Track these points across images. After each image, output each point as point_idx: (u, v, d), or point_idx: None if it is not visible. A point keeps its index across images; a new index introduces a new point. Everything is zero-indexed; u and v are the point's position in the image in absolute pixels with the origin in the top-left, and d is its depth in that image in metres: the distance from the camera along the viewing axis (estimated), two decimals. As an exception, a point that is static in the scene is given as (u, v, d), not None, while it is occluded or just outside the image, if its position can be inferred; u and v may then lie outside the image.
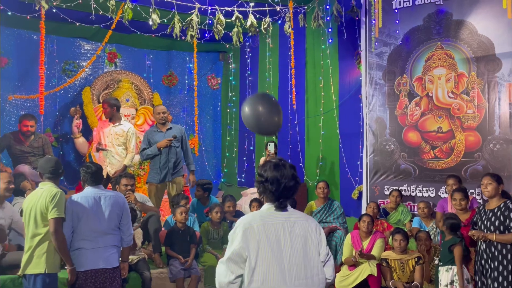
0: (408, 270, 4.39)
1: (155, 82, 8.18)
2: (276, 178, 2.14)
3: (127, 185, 4.71)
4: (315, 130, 7.10)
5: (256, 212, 2.23)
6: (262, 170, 2.20)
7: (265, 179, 2.16)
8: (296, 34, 6.86)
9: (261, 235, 2.06)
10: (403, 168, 5.91)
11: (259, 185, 2.20)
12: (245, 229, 2.07)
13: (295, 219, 2.17)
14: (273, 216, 2.14)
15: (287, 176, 2.16)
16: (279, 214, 2.15)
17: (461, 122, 5.53)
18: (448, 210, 4.81)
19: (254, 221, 2.10)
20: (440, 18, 5.71)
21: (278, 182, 2.14)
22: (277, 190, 2.14)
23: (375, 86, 6.18)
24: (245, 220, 2.14)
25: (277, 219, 2.13)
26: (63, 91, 7.22)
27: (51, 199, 3.30)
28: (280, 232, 2.11)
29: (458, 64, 5.57)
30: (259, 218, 2.12)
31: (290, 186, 2.16)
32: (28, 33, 6.87)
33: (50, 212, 3.29)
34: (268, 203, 2.20)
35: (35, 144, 5.76)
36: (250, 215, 2.18)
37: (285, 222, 2.13)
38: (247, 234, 2.06)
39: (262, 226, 2.09)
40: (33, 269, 3.32)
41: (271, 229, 2.09)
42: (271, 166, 2.18)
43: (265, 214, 2.15)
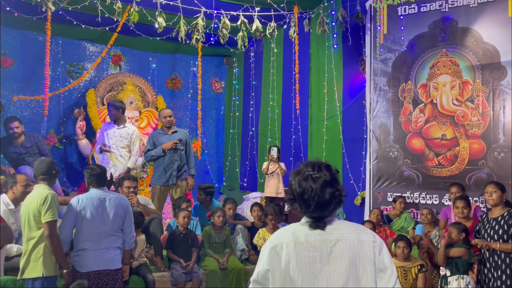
0: (411, 277, 4.36)
1: (159, 85, 8.20)
2: (301, 195, 1.73)
3: (130, 187, 4.71)
4: (318, 135, 7.09)
5: (288, 227, 1.82)
6: (289, 181, 1.80)
7: (292, 196, 1.77)
8: (301, 39, 6.87)
9: (291, 255, 1.68)
10: (406, 175, 5.89)
11: (288, 201, 1.82)
12: (273, 246, 1.73)
13: (339, 236, 1.71)
14: (307, 233, 1.74)
15: (315, 190, 1.71)
16: (315, 231, 1.74)
17: (466, 129, 5.51)
18: (452, 218, 4.78)
19: (284, 238, 1.73)
20: (445, 25, 5.71)
21: (305, 201, 1.72)
22: (307, 209, 1.73)
23: (379, 92, 6.17)
24: (276, 234, 1.80)
25: (313, 237, 1.72)
26: (67, 93, 7.24)
27: (43, 202, 3.26)
28: (315, 252, 1.69)
29: (463, 71, 5.56)
30: (291, 235, 1.74)
31: (323, 204, 1.71)
32: (33, 34, 6.91)
33: (44, 216, 3.25)
34: (304, 218, 1.79)
35: (27, 144, 5.70)
36: (283, 230, 1.81)
37: (324, 241, 1.71)
38: (273, 253, 1.72)
39: (293, 245, 1.70)
40: (31, 273, 3.30)
41: (304, 249, 1.69)
42: (300, 179, 1.75)
43: (299, 231, 1.75)
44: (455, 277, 3.97)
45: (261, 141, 7.99)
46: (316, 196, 1.70)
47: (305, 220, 1.77)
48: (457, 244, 4.01)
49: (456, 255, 3.97)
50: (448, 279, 4.01)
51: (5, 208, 3.79)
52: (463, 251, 3.95)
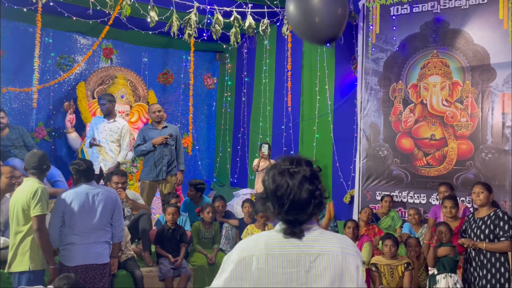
0: (397, 275, 4.41)
1: (150, 80, 8.15)
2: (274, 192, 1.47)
3: (118, 182, 4.68)
4: (309, 133, 7.11)
5: (261, 234, 1.53)
6: (263, 179, 1.54)
7: (265, 194, 1.51)
8: (294, 37, 6.88)
9: (262, 271, 1.42)
10: (395, 174, 5.94)
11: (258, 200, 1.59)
12: (241, 258, 1.45)
13: (320, 250, 1.45)
14: (282, 244, 1.46)
15: (291, 187, 1.45)
16: (291, 241, 1.46)
17: (454, 130, 5.58)
18: (441, 217, 4.84)
19: (255, 249, 1.45)
20: (437, 26, 5.76)
21: (279, 200, 1.46)
22: (280, 211, 1.46)
23: (370, 92, 6.21)
24: (245, 243, 1.50)
25: (289, 249, 1.45)
26: (57, 85, 7.16)
27: (33, 195, 3.23)
28: (292, 268, 1.42)
29: (453, 72, 5.62)
30: (263, 246, 1.45)
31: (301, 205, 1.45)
32: (24, 25, 6.82)
33: (33, 210, 3.23)
34: (280, 223, 1.52)
35: (12, 136, 5.63)
36: (254, 238, 1.51)
37: (302, 254, 1.44)
38: (241, 266, 1.44)
39: (265, 258, 1.43)
40: (17, 267, 3.28)
41: (277, 264, 1.42)
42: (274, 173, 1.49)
43: (273, 238, 1.48)
44: (442, 276, 4.03)
45: (252, 138, 8.00)
46: (291, 194, 1.44)
47: (280, 226, 1.50)
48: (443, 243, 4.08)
49: (443, 254, 4.03)
50: (436, 278, 4.06)
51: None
52: (449, 250, 4.02)
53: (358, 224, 4.83)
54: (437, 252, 4.05)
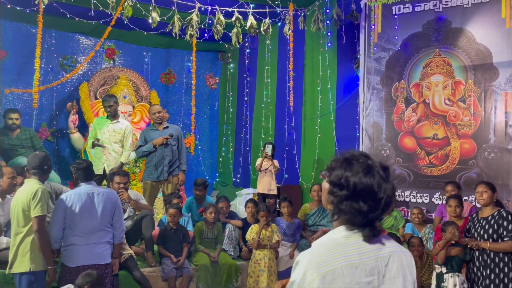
0: (400, 275, 4.39)
1: (153, 80, 8.16)
2: (371, 189, 1.33)
3: (120, 183, 4.68)
4: (311, 133, 7.11)
5: (327, 242, 1.37)
6: (340, 175, 1.37)
7: (351, 192, 1.34)
8: (296, 37, 6.87)
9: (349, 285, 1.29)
10: (398, 174, 5.93)
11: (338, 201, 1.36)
12: (323, 276, 1.28)
13: (390, 251, 1.38)
14: (359, 248, 1.34)
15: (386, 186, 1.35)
16: (366, 246, 1.35)
17: (457, 129, 5.56)
18: (446, 216, 4.83)
19: (333, 260, 1.30)
20: (439, 25, 5.74)
21: (375, 197, 1.33)
22: (373, 209, 1.34)
23: (372, 91, 6.20)
24: (316, 258, 1.31)
25: (367, 255, 1.34)
26: (60, 86, 7.19)
27: (33, 196, 3.24)
28: (373, 276, 1.33)
29: (456, 71, 5.60)
30: (341, 255, 1.31)
31: (390, 202, 1.37)
32: (27, 26, 6.84)
33: (33, 210, 3.23)
34: (345, 227, 1.37)
35: (22, 136, 5.75)
36: (322, 249, 1.34)
37: (378, 259, 1.35)
38: (327, 283, 1.28)
39: (349, 270, 1.30)
40: (18, 268, 3.29)
41: (361, 274, 1.31)
42: (359, 169, 1.36)
43: (348, 248, 1.34)
44: (450, 275, 4.01)
45: (255, 138, 8.00)
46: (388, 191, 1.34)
47: (346, 233, 1.36)
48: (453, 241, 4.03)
49: (455, 254, 4.00)
50: (444, 277, 4.05)
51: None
52: (460, 250, 3.99)
53: None
54: (452, 251, 4.01)
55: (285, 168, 7.40)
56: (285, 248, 5.18)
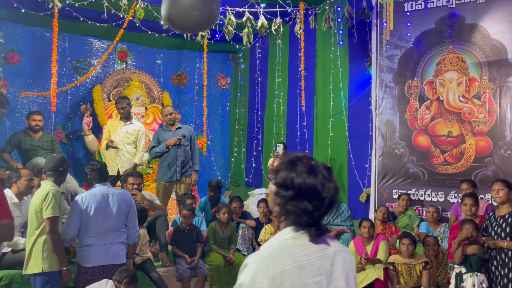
0: (415, 274, 4.36)
1: (165, 81, 8.21)
2: (315, 189, 1.36)
3: (134, 184, 4.72)
4: (323, 132, 7.08)
5: (275, 244, 1.37)
6: (285, 177, 1.39)
7: (295, 192, 1.36)
8: (307, 36, 6.85)
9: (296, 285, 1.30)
10: (412, 172, 5.87)
11: (283, 202, 1.38)
12: (272, 278, 1.29)
13: (335, 250, 1.40)
14: (306, 251, 1.35)
15: (329, 185, 1.38)
16: (313, 246, 1.36)
17: (472, 126, 5.48)
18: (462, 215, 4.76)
19: (282, 262, 1.31)
20: (452, 21, 5.66)
21: (319, 196, 1.36)
22: (318, 208, 1.36)
23: (385, 89, 6.14)
24: (265, 260, 1.32)
25: (314, 255, 1.35)
26: (74, 89, 7.28)
27: (44, 198, 3.27)
28: (320, 276, 1.34)
29: (470, 68, 5.52)
30: (289, 256, 1.32)
31: (334, 201, 1.40)
32: (41, 30, 6.94)
33: (45, 212, 3.26)
34: (292, 228, 1.39)
35: (44, 138, 5.87)
36: (271, 251, 1.35)
37: (324, 259, 1.37)
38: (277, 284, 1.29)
39: (296, 271, 1.31)
40: (32, 269, 3.32)
41: (309, 274, 1.32)
42: (302, 170, 1.37)
43: (296, 249, 1.34)
44: (469, 274, 3.95)
45: (267, 138, 7.99)
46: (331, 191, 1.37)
47: (292, 234, 1.37)
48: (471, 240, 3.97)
49: (472, 253, 3.94)
50: (463, 277, 3.99)
51: (9, 202, 3.83)
52: (477, 248, 3.93)
53: (373, 223, 4.79)
54: (467, 250, 3.96)
55: (298, 168, 7.36)
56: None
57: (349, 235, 5.21)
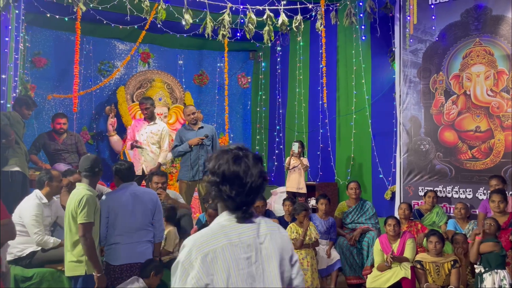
0: (444, 273, 4.26)
1: (186, 82, 8.29)
2: (237, 175, 1.50)
3: (158, 182, 4.77)
4: (346, 129, 7.00)
5: (213, 225, 1.54)
6: (214, 164, 1.54)
7: (220, 178, 1.51)
8: (328, 32, 6.78)
9: (229, 262, 1.45)
10: (438, 169, 5.74)
11: (211, 187, 1.54)
12: (205, 254, 1.43)
13: (267, 231, 1.55)
14: (239, 229, 1.50)
15: (252, 172, 1.52)
16: (245, 226, 1.52)
17: (501, 121, 5.32)
18: (491, 211, 4.64)
19: (215, 241, 1.46)
20: (478, 13, 5.51)
21: (241, 182, 1.50)
22: (240, 193, 1.50)
23: (409, 84, 6.03)
24: (201, 239, 1.48)
25: (246, 234, 1.51)
26: (98, 91, 7.43)
27: (78, 203, 3.28)
28: (251, 252, 1.49)
29: (498, 61, 5.36)
30: (223, 236, 1.48)
31: (258, 186, 1.54)
32: (66, 34, 7.11)
33: (78, 217, 3.28)
34: (227, 212, 1.54)
35: (68, 141, 5.96)
36: (207, 231, 1.51)
37: (255, 237, 1.52)
38: (208, 261, 1.43)
39: (229, 248, 1.46)
40: (75, 271, 3.36)
41: (240, 251, 1.47)
42: (229, 158, 1.52)
43: (230, 229, 1.50)
44: (488, 273, 3.86)
45: (288, 136, 7.96)
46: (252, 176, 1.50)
47: (229, 215, 1.53)
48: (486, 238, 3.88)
49: (486, 251, 3.85)
50: (482, 276, 3.90)
51: (38, 202, 3.94)
52: (492, 245, 3.83)
53: (399, 221, 4.70)
54: (480, 248, 3.86)
55: (320, 166, 7.32)
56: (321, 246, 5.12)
57: (374, 233, 5.14)
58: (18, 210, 3.93)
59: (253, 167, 1.52)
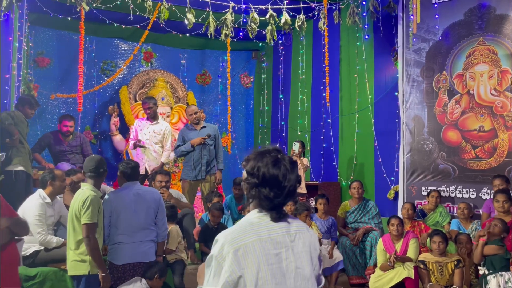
0: (447, 273, 4.25)
1: (189, 81, 8.29)
2: (276, 179, 1.56)
3: (162, 181, 4.79)
4: (349, 129, 6.99)
5: (243, 222, 1.61)
6: (253, 165, 1.59)
7: (260, 180, 1.57)
8: (331, 31, 6.77)
9: (259, 256, 1.50)
10: (442, 168, 5.72)
11: (249, 187, 1.59)
12: (237, 248, 1.50)
13: (296, 230, 1.62)
14: (268, 226, 1.57)
15: (291, 176, 1.59)
16: (275, 224, 1.59)
17: (505, 120, 5.30)
18: (495, 212, 4.62)
19: (246, 236, 1.52)
20: (482, 12, 5.48)
21: (280, 185, 1.56)
22: (278, 195, 1.57)
23: (412, 84, 6.01)
24: (232, 234, 1.54)
25: (275, 230, 1.57)
26: (101, 90, 7.43)
27: (83, 203, 3.29)
28: (281, 249, 1.55)
29: (502, 60, 5.33)
30: (253, 232, 1.54)
31: (294, 190, 1.61)
32: (69, 34, 7.12)
33: (82, 218, 3.29)
34: (258, 210, 1.61)
35: (73, 143, 5.95)
36: (237, 228, 1.58)
37: (285, 235, 1.58)
38: (239, 256, 1.49)
39: (259, 244, 1.52)
40: (77, 271, 3.37)
41: (270, 247, 1.53)
42: (268, 161, 1.58)
43: (260, 226, 1.57)
44: (493, 275, 3.84)
45: (291, 135, 7.96)
46: (292, 181, 1.58)
47: (258, 214, 1.60)
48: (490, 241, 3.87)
49: (491, 253, 3.83)
50: (487, 278, 3.88)
51: (42, 202, 3.95)
52: (497, 248, 3.82)
53: (402, 221, 4.69)
54: (484, 250, 3.85)
55: (323, 165, 7.31)
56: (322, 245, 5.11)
57: (377, 233, 5.13)
58: (21, 209, 3.94)
59: (291, 172, 1.59)
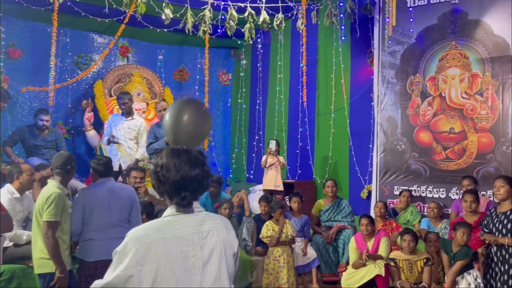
0: (416, 271, 4.36)
1: (166, 77, 8.21)
2: (173, 164, 1.61)
3: (137, 177, 4.74)
4: (325, 128, 7.07)
5: (155, 221, 1.65)
6: (158, 157, 1.68)
7: (160, 168, 1.63)
8: (309, 31, 6.82)
9: (160, 254, 1.52)
10: (413, 169, 5.86)
11: (153, 176, 1.65)
12: (138, 247, 1.53)
13: (210, 227, 1.63)
14: (177, 225, 1.59)
15: (188, 161, 1.61)
16: (185, 219, 1.61)
17: (474, 123, 5.46)
18: (463, 211, 4.76)
19: (150, 235, 1.55)
20: (455, 17, 5.64)
21: (176, 169, 1.60)
22: (175, 180, 1.59)
23: (387, 85, 6.13)
24: (138, 233, 1.57)
25: (184, 229, 1.59)
26: (75, 84, 7.27)
27: (46, 200, 3.21)
28: (188, 247, 1.57)
29: (473, 64, 5.50)
30: (156, 230, 1.56)
31: (193, 176, 1.61)
32: (42, 25, 6.93)
33: (44, 214, 3.20)
34: (171, 207, 1.64)
35: (48, 138, 5.85)
36: (146, 226, 1.60)
37: (195, 233, 1.60)
38: (140, 254, 1.52)
39: (161, 242, 1.54)
40: (43, 269, 3.29)
41: (175, 245, 1.55)
42: (168, 151, 1.65)
43: (164, 224, 1.59)
44: (461, 276, 3.96)
45: (268, 134, 7.99)
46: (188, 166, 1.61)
47: (169, 211, 1.63)
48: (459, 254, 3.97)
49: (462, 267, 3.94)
50: (456, 279, 4.00)
51: (10, 197, 3.84)
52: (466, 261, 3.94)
53: (373, 220, 4.78)
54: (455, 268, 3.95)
55: (299, 164, 7.37)
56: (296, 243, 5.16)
57: (350, 231, 5.22)
58: (-12, 204, 3.82)
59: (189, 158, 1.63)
